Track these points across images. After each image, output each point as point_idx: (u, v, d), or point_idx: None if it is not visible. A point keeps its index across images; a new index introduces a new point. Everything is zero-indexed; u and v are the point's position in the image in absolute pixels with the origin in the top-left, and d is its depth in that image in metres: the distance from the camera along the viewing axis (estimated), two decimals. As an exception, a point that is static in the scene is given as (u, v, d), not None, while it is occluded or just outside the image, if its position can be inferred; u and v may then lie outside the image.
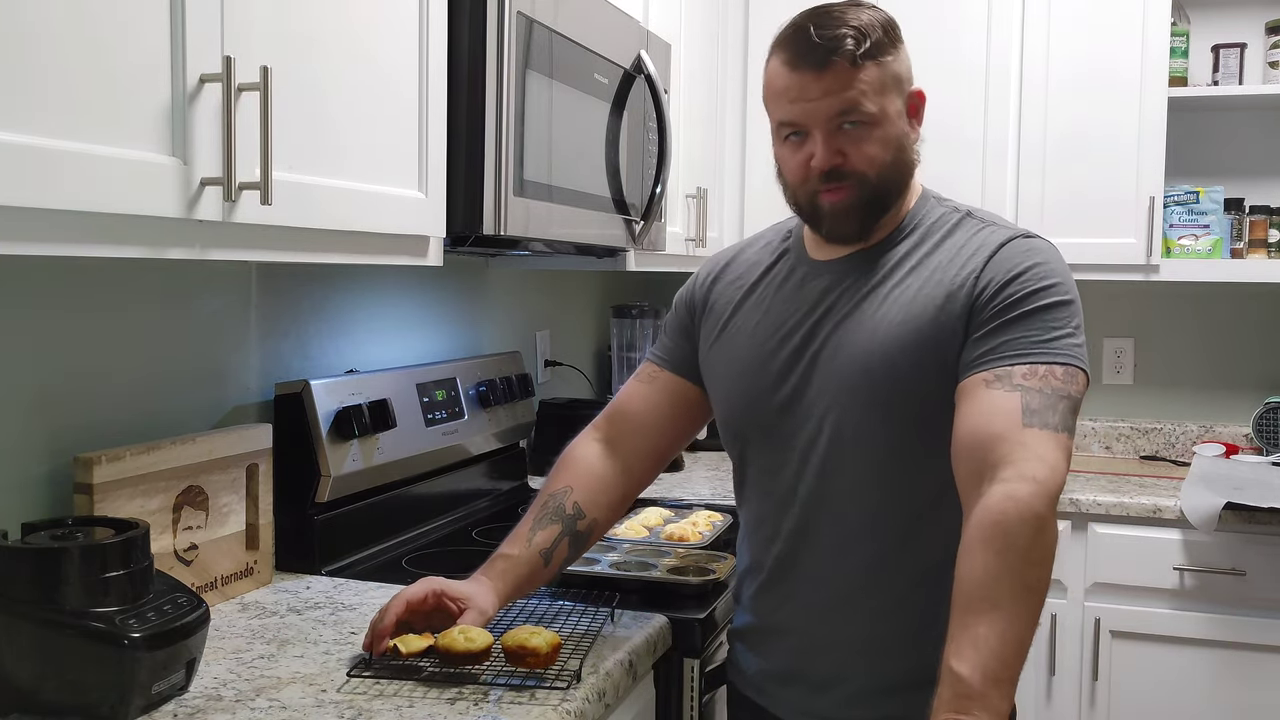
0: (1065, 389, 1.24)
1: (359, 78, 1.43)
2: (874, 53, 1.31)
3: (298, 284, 1.94)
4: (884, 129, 1.33)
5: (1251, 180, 3.09)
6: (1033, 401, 1.22)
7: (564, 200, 1.85)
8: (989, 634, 1.11)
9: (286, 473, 1.77)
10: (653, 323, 3.01)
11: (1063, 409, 1.23)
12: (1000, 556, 1.14)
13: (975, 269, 1.32)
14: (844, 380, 1.34)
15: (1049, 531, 1.17)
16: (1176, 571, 2.58)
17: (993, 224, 1.38)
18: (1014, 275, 1.30)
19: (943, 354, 1.30)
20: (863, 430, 1.34)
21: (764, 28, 3.07)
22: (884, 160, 1.34)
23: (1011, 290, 1.29)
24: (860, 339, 1.34)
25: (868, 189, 1.34)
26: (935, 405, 1.30)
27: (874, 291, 1.36)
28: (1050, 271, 1.30)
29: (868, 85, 1.30)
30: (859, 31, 1.30)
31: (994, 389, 1.24)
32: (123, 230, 1.09)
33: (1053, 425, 1.21)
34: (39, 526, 1.28)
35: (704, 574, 1.72)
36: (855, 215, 1.36)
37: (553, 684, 1.32)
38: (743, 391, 1.43)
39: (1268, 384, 3.13)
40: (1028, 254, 1.32)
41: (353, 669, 1.34)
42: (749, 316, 1.46)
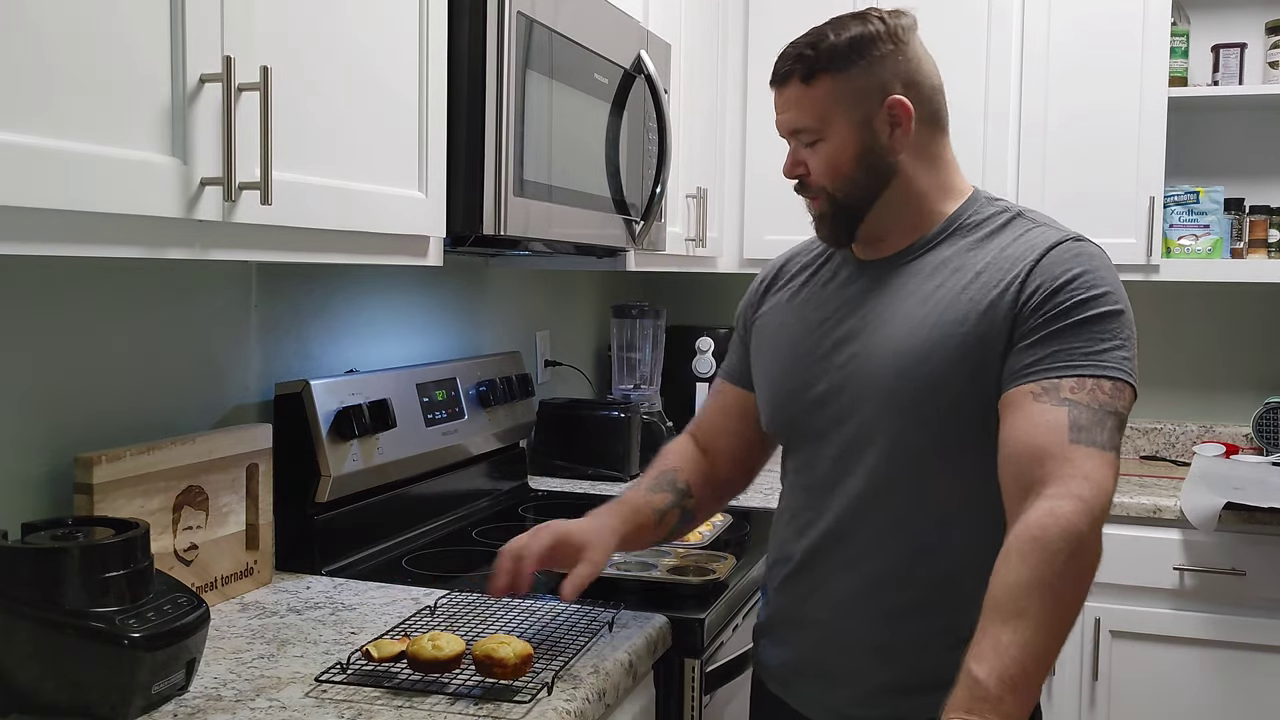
0: (1113, 404, 1.23)
1: (359, 78, 1.43)
2: (828, 69, 1.34)
3: (298, 284, 1.94)
4: (831, 143, 1.36)
5: (1251, 180, 3.09)
6: (1081, 417, 1.21)
7: (564, 200, 1.85)
8: (1012, 641, 1.12)
9: (286, 473, 1.77)
10: (652, 323, 3.01)
11: (1110, 425, 1.22)
12: (1035, 569, 1.15)
13: (1022, 273, 1.30)
14: (878, 380, 1.35)
15: (1089, 550, 1.17)
16: (1176, 571, 2.58)
17: (1043, 224, 1.37)
18: (1063, 282, 1.28)
19: (982, 357, 1.30)
20: (894, 431, 1.34)
21: (764, 28, 3.07)
22: (842, 173, 1.37)
23: (1061, 299, 1.27)
24: (897, 339, 1.34)
25: (830, 200, 1.38)
26: (969, 408, 1.30)
27: (914, 292, 1.37)
28: (1100, 279, 1.28)
29: (815, 100, 1.35)
30: (816, 50, 1.34)
31: (1041, 402, 1.23)
32: (123, 230, 1.09)
33: (1100, 443, 1.21)
34: (39, 526, 1.28)
35: (704, 574, 1.72)
36: (827, 224, 1.41)
37: (515, 698, 1.28)
38: (783, 388, 1.46)
39: (1268, 384, 3.13)
40: (1077, 259, 1.30)
41: (323, 673, 1.33)
42: (794, 314, 1.48)
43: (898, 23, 1.37)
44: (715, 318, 3.54)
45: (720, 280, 3.56)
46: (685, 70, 2.66)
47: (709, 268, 2.99)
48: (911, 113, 1.36)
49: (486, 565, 1.88)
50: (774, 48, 3.22)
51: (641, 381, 3.01)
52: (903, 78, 1.36)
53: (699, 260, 2.86)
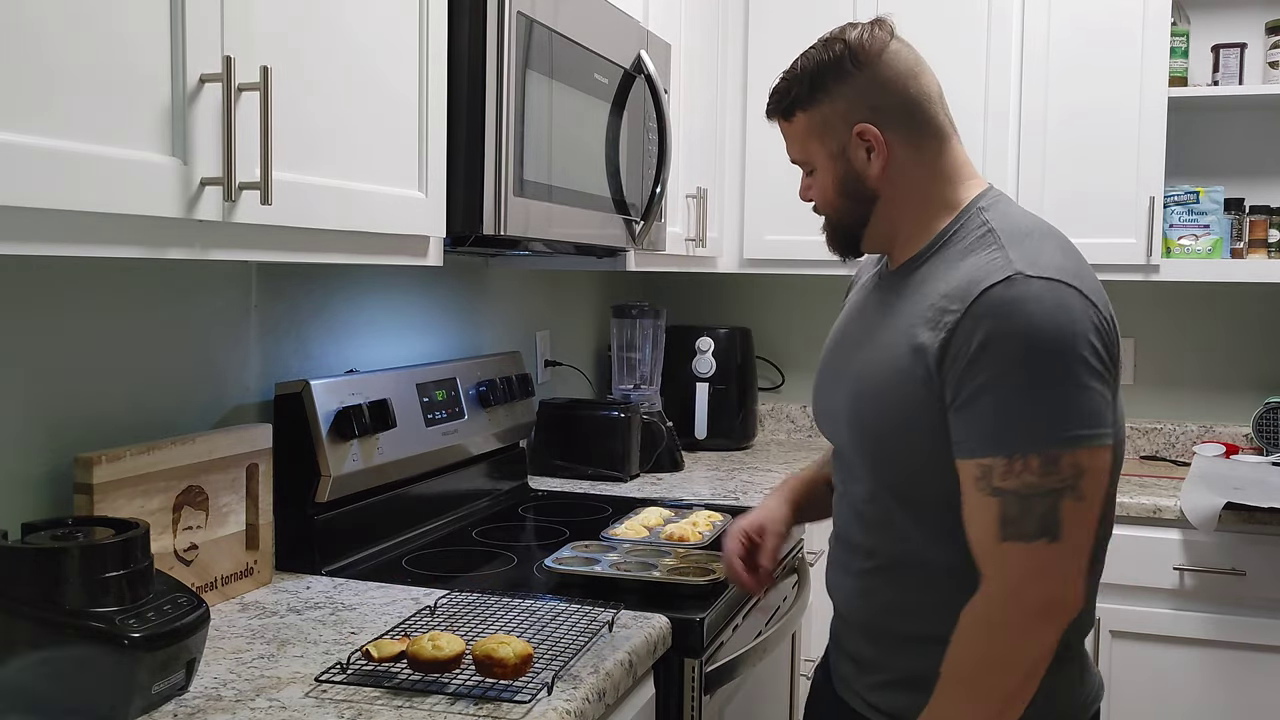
0: (1043, 483, 1.20)
1: (359, 78, 1.43)
2: (799, 105, 1.39)
3: (298, 284, 1.94)
4: (822, 173, 1.41)
5: (1251, 180, 3.09)
6: (1009, 509, 1.21)
7: (564, 200, 1.85)
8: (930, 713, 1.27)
9: (286, 473, 1.77)
10: (652, 323, 3.01)
11: (1041, 509, 1.20)
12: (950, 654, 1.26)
13: (950, 323, 1.26)
14: (844, 394, 1.42)
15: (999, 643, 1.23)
16: (1176, 571, 2.58)
17: (1001, 248, 1.29)
18: (982, 345, 1.22)
19: (915, 400, 1.29)
20: (859, 443, 1.40)
21: (764, 28, 3.08)
22: (831, 200, 1.42)
23: (980, 365, 1.22)
24: (863, 364, 1.39)
25: (830, 222, 1.46)
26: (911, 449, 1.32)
27: (892, 308, 1.39)
28: (1027, 335, 1.21)
29: (797, 133, 1.42)
30: (789, 84, 1.40)
31: (980, 490, 1.24)
32: (123, 230, 1.09)
33: (1028, 534, 1.21)
34: (39, 526, 1.28)
35: (705, 574, 1.72)
36: (832, 243, 1.48)
37: (515, 698, 1.28)
38: (814, 391, 1.54)
39: (1268, 384, 3.13)
40: (1004, 311, 1.22)
41: (323, 673, 1.33)
42: (840, 319, 1.56)
43: (863, 41, 1.36)
44: (715, 318, 3.54)
45: (720, 280, 3.56)
46: (685, 70, 2.66)
47: (709, 268, 2.99)
48: (881, 138, 1.35)
49: (487, 565, 1.89)
50: (774, 48, 3.24)
51: (641, 381, 3.01)
52: (869, 102, 1.35)
53: (699, 260, 2.86)
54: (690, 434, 3.15)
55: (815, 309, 3.47)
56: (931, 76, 1.39)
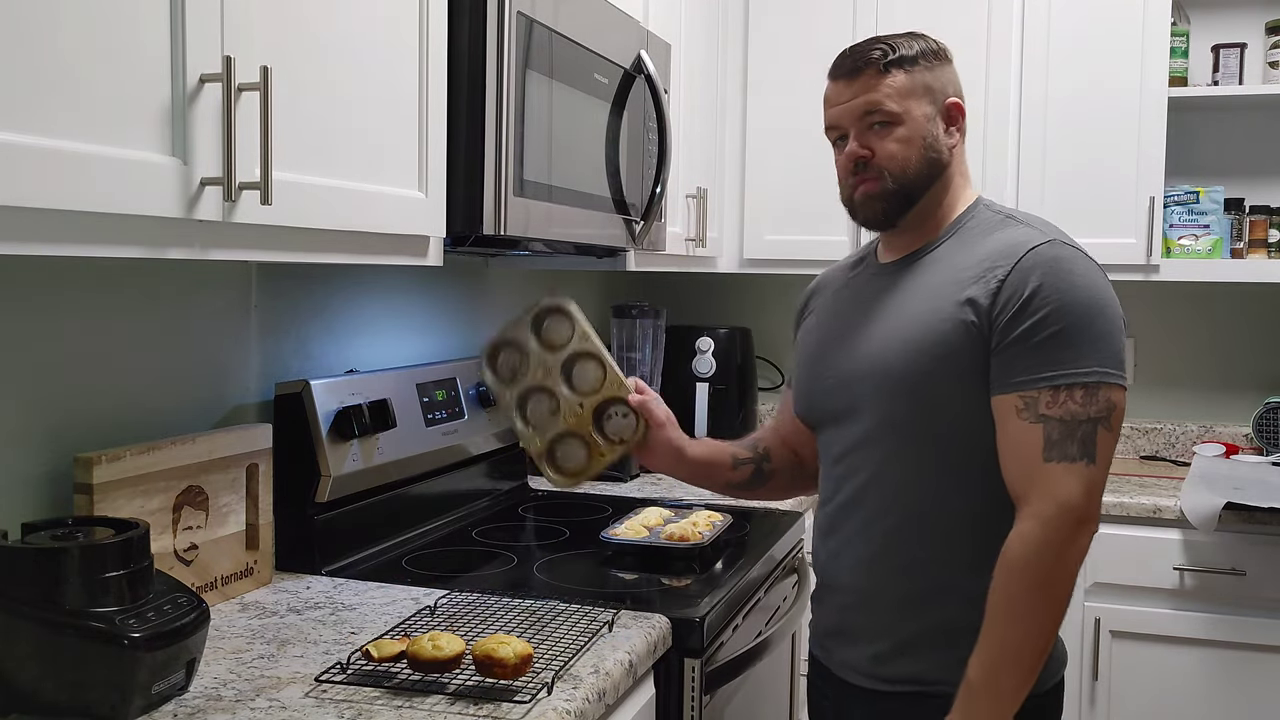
0: (1085, 411, 1.35)
1: (359, 77, 1.43)
2: (901, 63, 1.48)
3: (298, 284, 1.94)
4: (907, 128, 1.48)
5: (1251, 180, 3.09)
6: (1053, 433, 1.35)
7: (564, 200, 1.85)
8: (982, 649, 1.36)
9: (286, 473, 1.77)
10: (652, 323, 3.01)
11: (1083, 434, 1.35)
12: (1001, 588, 1.36)
13: (1000, 273, 1.41)
14: (871, 367, 1.49)
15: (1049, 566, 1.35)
16: (1176, 571, 2.58)
17: (1027, 224, 1.48)
18: (1034, 290, 1.38)
19: (956, 346, 1.42)
20: (885, 415, 1.48)
21: (764, 28, 3.07)
22: (906, 156, 1.49)
23: (1033, 307, 1.37)
24: (887, 330, 1.49)
25: (892, 180, 1.49)
26: (946, 392, 1.43)
27: (911, 287, 1.50)
28: (1072, 284, 1.38)
29: (892, 89, 1.48)
30: (889, 46, 1.49)
31: (1022, 419, 1.38)
32: (123, 230, 1.09)
33: (1071, 455, 1.35)
34: (39, 526, 1.28)
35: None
36: (880, 202, 1.51)
37: (515, 698, 1.28)
38: (806, 377, 1.62)
39: (1268, 384, 3.13)
40: (1050, 264, 1.39)
41: (323, 673, 1.33)
42: (822, 317, 1.64)
43: (943, 45, 1.54)
44: (715, 318, 3.54)
45: (720, 280, 3.56)
46: (685, 70, 2.66)
47: (709, 268, 2.99)
48: (965, 115, 1.53)
49: (487, 565, 1.89)
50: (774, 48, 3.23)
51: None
52: (956, 88, 1.53)
53: (699, 260, 2.85)
54: (690, 434, 3.14)
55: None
56: None
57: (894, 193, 1.50)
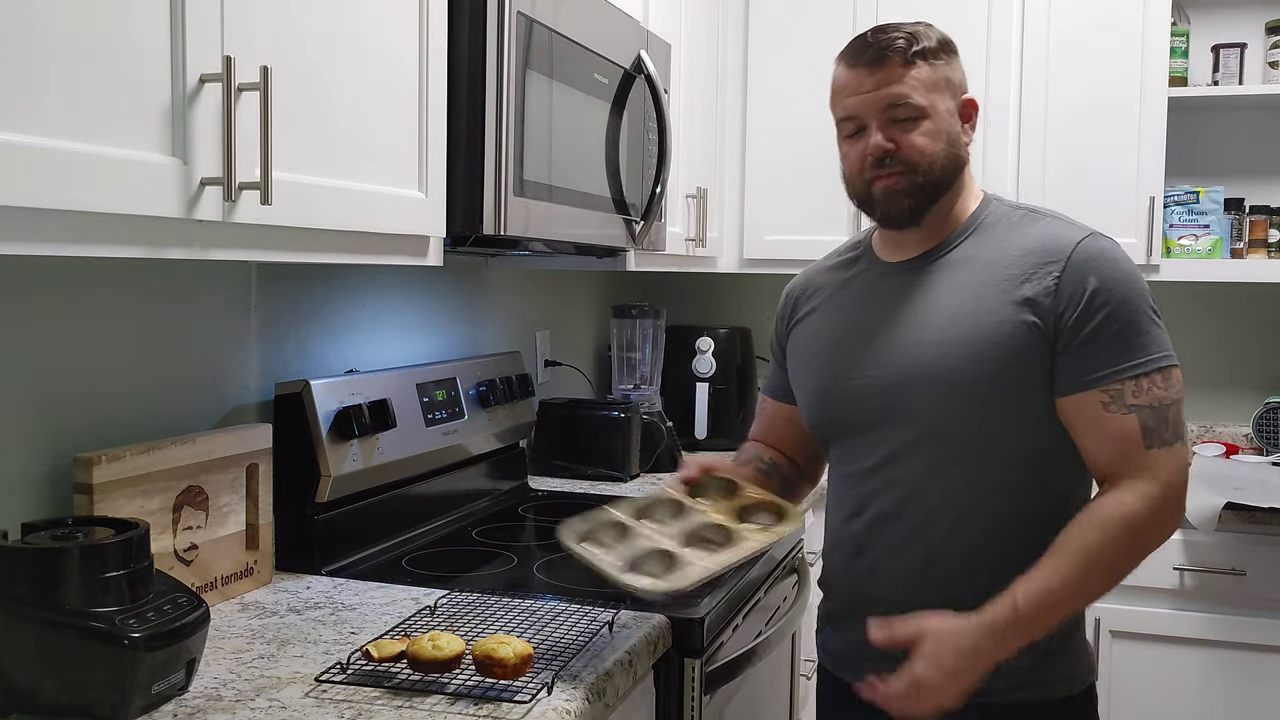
0: (1168, 395, 1.38)
1: (359, 77, 1.43)
2: (925, 54, 1.45)
3: (298, 284, 1.94)
4: (933, 122, 1.45)
5: (1251, 180, 3.09)
6: (1148, 420, 1.37)
7: (564, 200, 1.85)
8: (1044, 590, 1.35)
9: (286, 473, 1.77)
10: (652, 323, 3.01)
11: (1173, 417, 1.38)
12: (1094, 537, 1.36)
13: (1055, 274, 1.40)
14: (919, 372, 1.44)
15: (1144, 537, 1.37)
16: (1176, 571, 2.58)
17: (1053, 218, 1.48)
18: (1096, 288, 1.39)
19: (1019, 348, 1.40)
20: (937, 414, 1.43)
21: (764, 28, 3.07)
22: (933, 150, 1.45)
23: (1098, 303, 1.38)
24: (932, 332, 1.44)
25: (918, 175, 1.45)
26: (1008, 396, 1.41)
27: (948, 286, 1.47)
28: (1128, 274, 1.41)
29: (918, 81, 1.44)
30: (912, 36, 1.45)
31: (1111, 411, 1.38)
32: (123, 230, 1.09)
33: (1167, 439, 1.38)
34: (39, 526, 1.28)
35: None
36: (905, 198, 1.46)
37: (515, 698, 1.28)
38: (823, 385, 1.55)
39: (1268, 384, 3.13)
40: (1102, 259, 1.41)
41: (323, 673, 1.33)
42: (827, 319, 1.58)
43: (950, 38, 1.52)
44: (715, 318, 3.54)
45: (720, 280, 3.56)
46: (685, 70, 2.66)
47: (709, 268, 2.99)
48: (978, 112, 1.52)
49: (487, 565, 1.89)
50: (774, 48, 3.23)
51: (641, 381, 3.01)
52: (966, 82, 1.52)
53: (699, 260, 2.85)
54: (690, 434, 3.15)
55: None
56: None
57: (921, 188, 1.45)
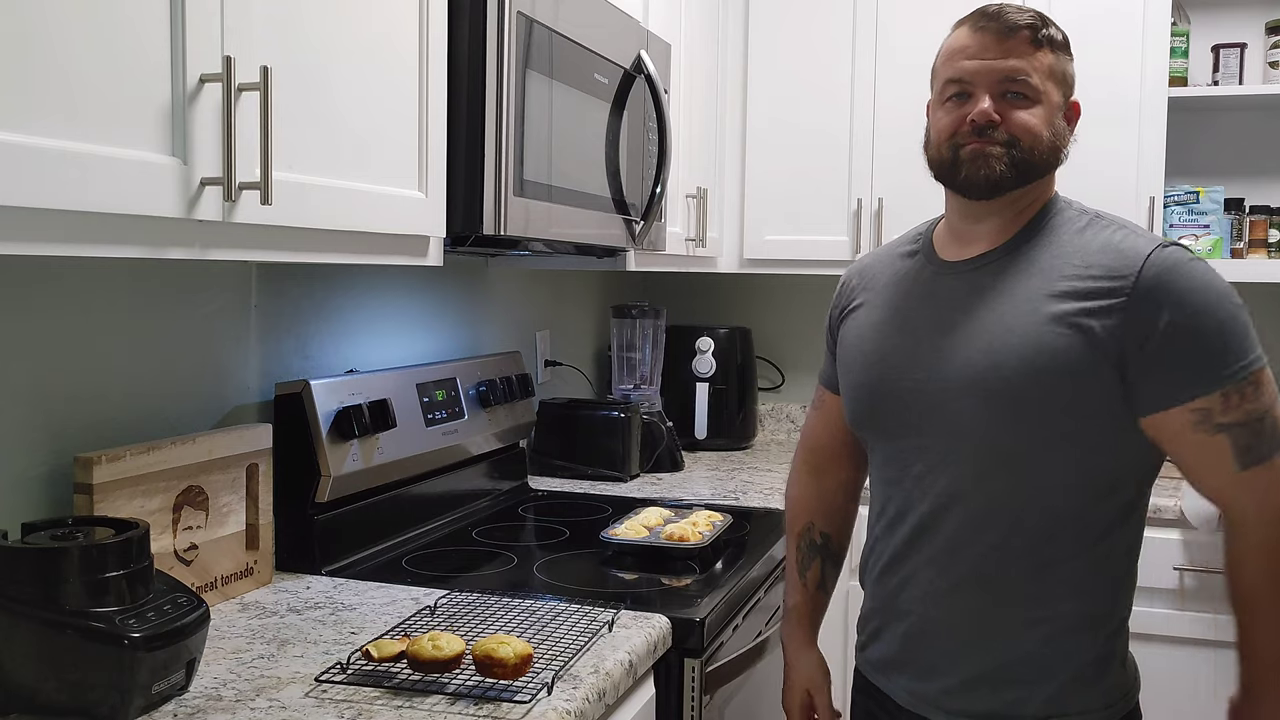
0: (1259, 406, 1.30)
1: (359, 77, 1.43)
2: (1052, 42, 1.42)
3: (298, 284, 1.94)
4: (1044, 109, 1.40)
5: (1251, 180, 3.09)
6: (1240, 438, 1.30)
7: (564, 200, 1.85)
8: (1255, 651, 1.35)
9: (286, 473, 1.77)
10: (652, 323, 3.01)
11: (1268, 428, 1.31)
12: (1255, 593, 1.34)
13: (1125, 289, 1.32)
14: (972, 375, 1.37)
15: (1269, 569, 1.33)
16: (1176, 571, 2.58)
17: (1123, 226, 1.40)
18: (1174, 302, 1.31)
19: (1076, 363, 1.32)
20: (985, 427, 1.37)
21: (764, 28, 3.07)
22: (1038, 133, 1.39)
23: (1175, 318, 1.30)
24: (990, 336, 1.37)
25: (1016, 151, 1.39)
26: (1064, 409, 1.33)
27: (1006, 291, 1.39)
28: (1207, 281, 1.33)
29: (1040, 65, 1.40)
30: (1044, 20, 1.42)
31: (1200, 432, 1.31)
32: (123, 230, 1.09)
33: (1264, 455, 1.31)
34: (39, 526, 1.28)
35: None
36: (997, 163, 1.39)
37: (515, 698, 1.28)
38: (870, 383, 1.49)
39: (1268, 384, 3.12)
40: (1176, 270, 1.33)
41: (323, 673, 1.33)
42: (878, 314, 1.52)
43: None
44: (715, 318, 3.54)
45: (720, 280, 3.56)
46: (685, 70, 2.66)
47: (709, 268, 2.99)
48: (1079, 116, 1.46)
49: (487, 565, 1.89)
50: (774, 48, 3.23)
51: (641, 381, 3.01)
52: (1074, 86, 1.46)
53: (699, 260, 2.86)
54: (690, 434, 3.15)
55: (815, 309, 3.47)
56: None
57: (1016, 163, 1.38)
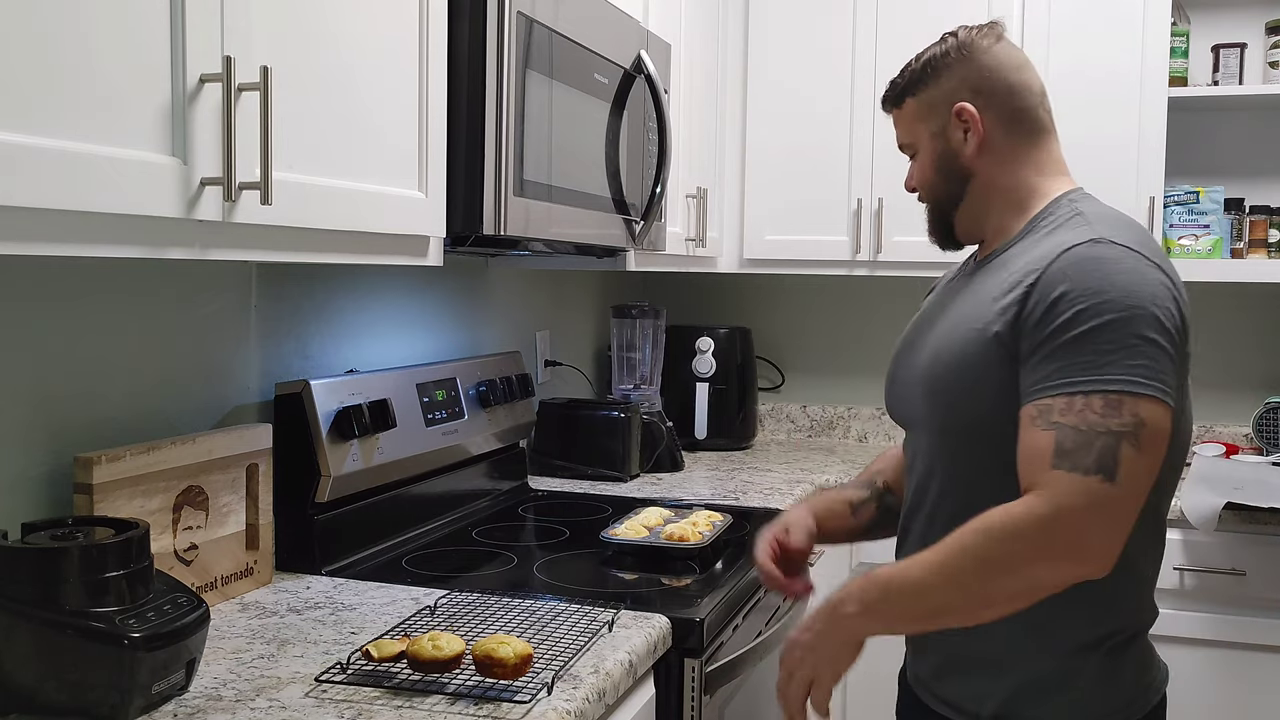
0: (1105, 422, 1.20)
1: (359, 77, 1.43)
2: (908, 91, 1.49)
3: (298, 284, 1.94)
4: (922, 153, 1.49)
5: (1251, 180, 3.09)
6: (1066, 441, 1.21)
7: (564, 200, 1.85)
8: (904, 573, 1.27)
9: (286, 473, 1.77)
10: (652, 323, 3.01)
11: (1101, 446, 1.19)
12: (959, 537, 1.24)
13: (1033, 278, 1.30)
14: (921, 371, 1.44)
15: (1012, 551, 1.21)
16: (1176, 571, 2.58)
17: (1088, 223, 1.34)
18: (1061, 293, 1.25)
19: (998, 357, 1.31)
20: (928, 418, 1.44)
21: (764, 28, 3.07)
22: (927, 179, 1.49)
23: (1058, 310, 1.25)
24: (936, 336, 1.44)
25: (928, 205, 1.52)
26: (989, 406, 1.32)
27: (974, 291, 1.43)
28: (1104, 286, 1.24)
29: (905, 120, 1.51)
30: (901, 77, 1.50)
31: (1035, 426, 1.24)
32: (123, 230, 1.09)
33: (1084, 467, 1.19)
34: (39, 526, 1.28)
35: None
36: (929, 227, 1.54)
37: (515, 698, 1.28)
38: (888, 374, 1.58)
39: (1268, 384, 3.13)
40: (1082, 263, 1.27)
41: (323, 673, 1.34)
42: (918, 314, 1.60)
43: (971, 36, 1.47)
44: (715, 318, 3.54)
45: (720, 280, 3.56)
46: (685, 70, 2.66)
47: (709, 268, 2.99)
48: (977, 117, 1.44)
49: (487, 565, 1.89)
50: (774, 48, 3.23)
51: (641, 381, 3.01)
52: (971, 85, 1.45)
53: (699, 260, 2.86)
54: (690, 434, 3.15)
55: (815, 309, 3.47)
56: (1036, 75, 1.49)
57: (933, 214, 1.51)
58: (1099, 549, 1.20)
